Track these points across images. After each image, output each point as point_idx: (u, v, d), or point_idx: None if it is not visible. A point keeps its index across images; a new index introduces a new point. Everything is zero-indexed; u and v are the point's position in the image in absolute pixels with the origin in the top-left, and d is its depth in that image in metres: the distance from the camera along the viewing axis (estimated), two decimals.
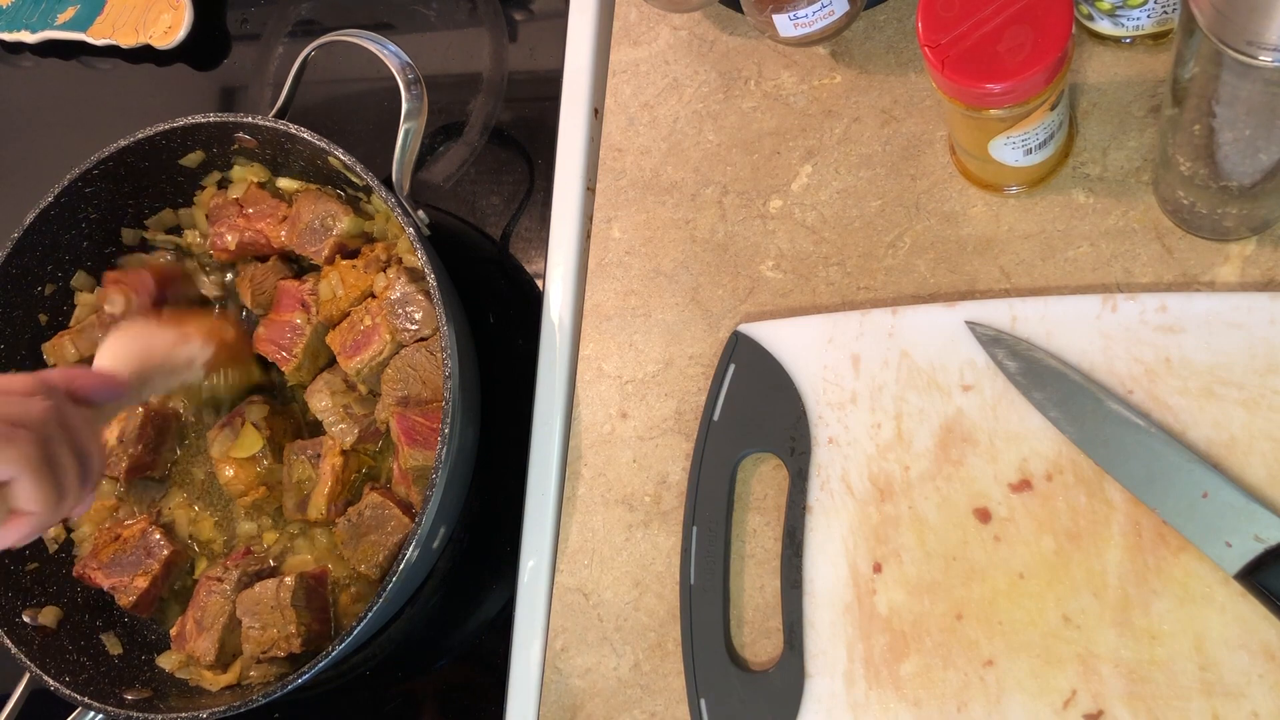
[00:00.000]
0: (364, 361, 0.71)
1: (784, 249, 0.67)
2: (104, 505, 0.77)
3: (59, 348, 0.77)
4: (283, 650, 0.68)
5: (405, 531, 0.68)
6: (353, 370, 0.72)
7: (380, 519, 0.69)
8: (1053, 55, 0.50)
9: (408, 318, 0.71)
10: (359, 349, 0.71)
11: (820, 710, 0.57)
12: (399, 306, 0.71)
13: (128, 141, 0.75)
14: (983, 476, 0.57)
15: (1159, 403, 0.55)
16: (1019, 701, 0.54)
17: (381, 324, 0.71)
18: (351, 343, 0.72)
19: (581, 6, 0.76)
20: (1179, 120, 0.51)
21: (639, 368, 0.68)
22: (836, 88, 0.68)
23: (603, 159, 0.73)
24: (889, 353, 0.60)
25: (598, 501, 0.67)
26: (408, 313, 0.71)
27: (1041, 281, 0.61)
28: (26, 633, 0.71)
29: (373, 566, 0.68)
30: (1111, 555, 0.54)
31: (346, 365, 0.72)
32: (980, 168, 0.61)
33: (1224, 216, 0.56)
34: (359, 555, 0.69)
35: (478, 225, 0.79)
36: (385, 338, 0.71)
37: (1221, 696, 0.51)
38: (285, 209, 0.76)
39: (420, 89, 0.71)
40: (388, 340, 0.71)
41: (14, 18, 0.96)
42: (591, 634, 0.65)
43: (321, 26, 0.89)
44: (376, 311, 0.71)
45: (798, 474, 0.61)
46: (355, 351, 0.71)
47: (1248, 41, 0.41)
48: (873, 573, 0.58)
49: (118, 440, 0.75)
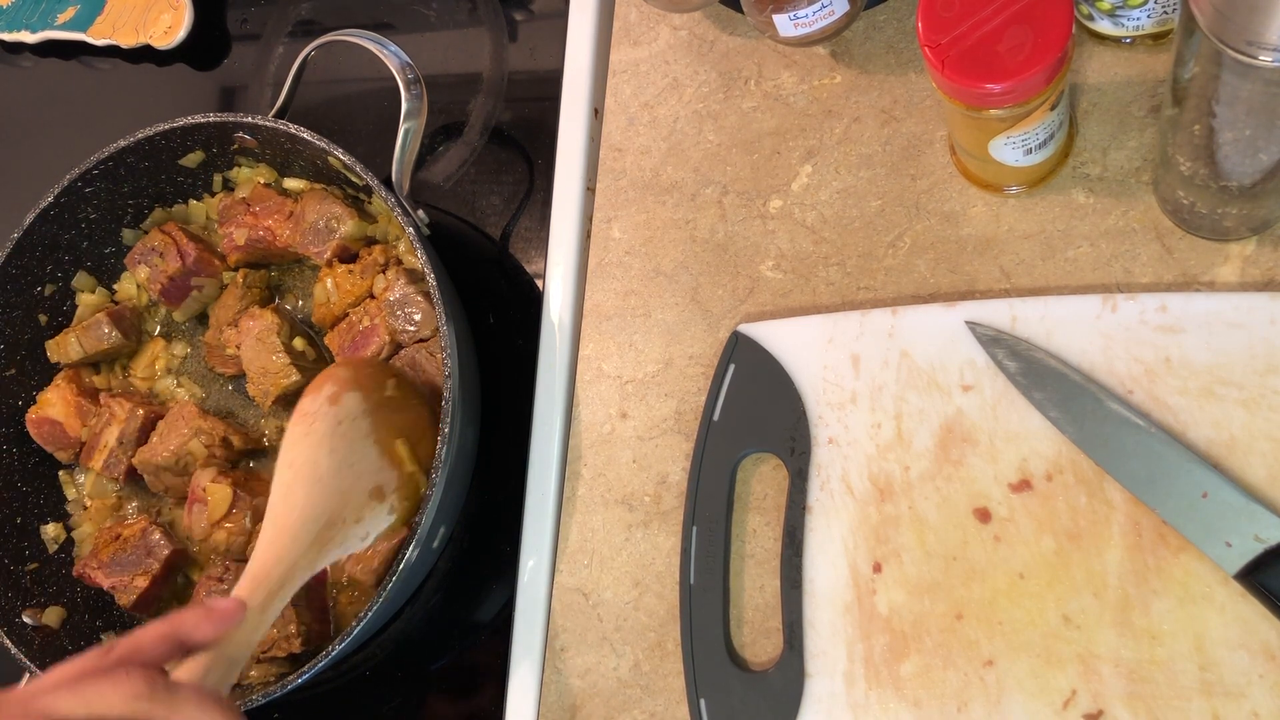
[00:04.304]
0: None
1: (784, 249, 0.67)
2: (104, 504, 0.77)
3: (63, 345, 0.77)
4: (283, 650, 0.68)
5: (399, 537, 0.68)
6: None
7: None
8: (1053, 55, 0.50)
9: (407, 318, 0.71)
10: (358, 349, 0.71)
11: (820, 710, 0.57)
12: (398, 307, 0.71)
13: (128, 141, 0.75)
14: (983, 476, 0.57)
15: (1159, 403, 0.55)
16: (1019, 701, 0.54)
17: (380, 324, 0.71)
18: (350, 343, 0.72)
19: (581, 6, 0.76)
20: (1179, 120, 0.51)
21: (639, 368, 0.68)
22: (836, 88, 0.68)
23: (603, 159, 0.73)
24: (889, 353, 0.60)
25: (598, 501, 0.67)
26: (407, 314, 0.70)
27: (1041, 281, 0.61)
28: (26, 633, 0.71)
29: (368, 572, 0.68)
30: (1111, 555, 0.54)
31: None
32: (980, 168, 0.61)
33: (1224, 216, 0.56)
34: (352, 563, 0.69)
35: (478, 225, 0.79)
36: (384, 338, 0.71)
37: (1221, 696, 0.51)
38: (292, 205, 0.76)
39: (420, 89, 0.71)
40: (386, 340, 0.71)
41: (14, 18, 0.96)
42: (591, 634, 0.65)
43: (321, 26, 0.89)
44: (375, 312, 0.71)
45: (798, 474, 0.61)
46: (354, 351, 0.71)
47: (1248, 41, 0.41)
48: (873, 573, 0.58)
49: (117, 441, 0.75)
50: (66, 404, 0.76)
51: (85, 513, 0.77)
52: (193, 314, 0.79)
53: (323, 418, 0.60)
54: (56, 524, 0.77)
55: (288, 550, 0.55)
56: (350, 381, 0.62)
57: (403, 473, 0.62)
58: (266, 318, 0.73)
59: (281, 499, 0.57)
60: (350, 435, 0.60)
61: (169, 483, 0.74)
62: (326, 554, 0.57)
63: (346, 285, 0.73)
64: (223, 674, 0.50)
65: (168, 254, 0.77)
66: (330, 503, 0.57)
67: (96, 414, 0.76)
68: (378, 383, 0.64)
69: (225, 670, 0.50)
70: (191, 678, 0.49)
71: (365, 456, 0.60)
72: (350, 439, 0.60)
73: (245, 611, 0.52)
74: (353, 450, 0.59)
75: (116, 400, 0.76)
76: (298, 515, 0.56)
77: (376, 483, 0.60)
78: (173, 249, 0.77)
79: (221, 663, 0.50)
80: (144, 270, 0.77)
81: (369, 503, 0.59)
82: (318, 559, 0.56)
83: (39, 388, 0.78)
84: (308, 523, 0.56)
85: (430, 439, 0.64)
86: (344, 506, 0.58)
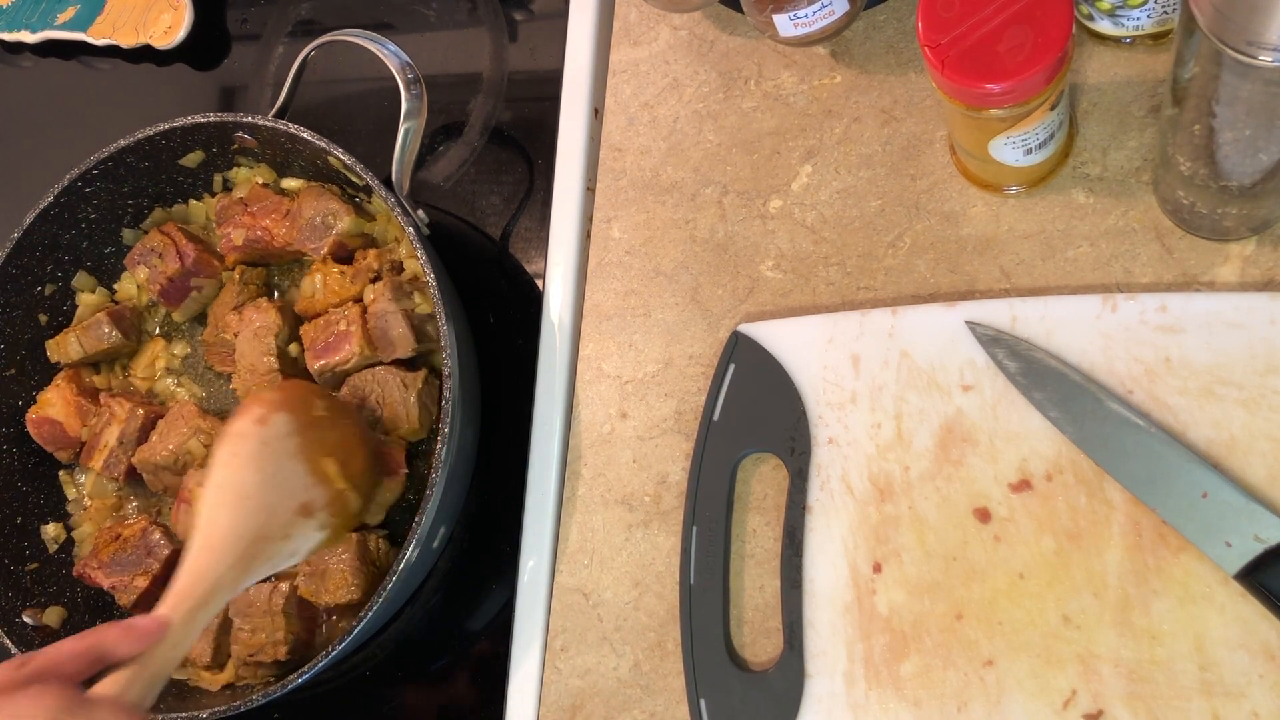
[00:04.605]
0: (329, 366, 0.71)
1: (784, 249, 0.67)
2: (104, 504, 0.77)
3: (63, 345, 0.77)
4: (268, 656, 0.68)
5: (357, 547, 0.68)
6: (316, 370, 0.71)
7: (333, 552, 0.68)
8: (1053, 55, 0.50)
9: (386, 336, 0.70)
10: (328, 352, 0.71)
11: (820, 710, 0.57)
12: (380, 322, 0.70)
13: (128, 141, 0.75)
14: (983, 476, 0.57)
15: (1159, 403, 0.55)
16: (1019, 701, 0.54)
17: (356, 333, 0.70)
18: (322, 344, 0.71)
19: (581, 6, 0.76)
20: (1179, 120, 0.51)
21: (639, 368, 0.68)
22: (836, 88, 0.68)
23: (603, 159, 0.73)
24: (889, 353, 0.60)
25: (598, 501, 0.67)
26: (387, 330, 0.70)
27: (1041, 281, 0.61)
28: (27, 633, 0.71)
29: (351, 590, 0.68)
30: (1111, 555, 0.54)
31: (312, 364, 0.72)
32: (980, 168, 0.61)
33: (1224, 216, 0.56)
34: (330, 591, 0.68)
35: (478, 225, 0.79)
36: (355, 349, 0.70)
37: (1221, 696, 0.51)
38: (289, 204, 0.76)
39: (420, 89, 0.71)
40: (357, 352, 0.70)
41: (14, 18, 0.96)
42: (591, 634, 0.65)
43: (321, 26, 0.89)
44: (355, 319, 0.71)
45: (798, 474, 0.61)
46: (323, 354, 0.71)
47: (1248, 41, 0.41)
48: (873, 573, 0.58)
49: (117, 441, 0.75)
50: (66, 404, 0.76)
51: (85, 513, 0.77)
52: (192, 314, 0.79)
53: (250, 438, 0.60)
54: (57, 524, 0.77)
55: (212, 567, 0.56)
56: (278, 404, 0.62)
57: (332, 490, 0.62)
58: (269, 315, 0.73)
59: (207, 518, 0.58)
60: (277, 454, 0.60)
61: (169, 482, 0.74)
62: (253, 570, 0.57)
63: (335, 285, 0.73)
64: (143, 690, 0.50)
65: (167, 255, 0.77)
66: (256, 520, 0.58)
67: (96, 414, 0.76)
68: (306, 404, 0.64)
69: (146, 686, 0.50)
70: (110, 693, 0.49)
71: (292, 474, 0.60)
72: (277, 458, 0.60)
73: (167, 630, 0.52)
74: (280, 469, 0.60)
75: (116, 400, 0.76)
76: (222, 533, 0.57)
77: (304, 499, 0.60)
78: (171, 250, 0.77)
79: (143, 678, 0.50)
80: (143, 271, 0.77)
81: (296, 520, 0.60)
82: (243, 575, 0.57)
83: (39, 388, 0.78)
84: (233, 540, 0.57)
85: (360, 456, 0.65)
86: (270, 523, 0.58)
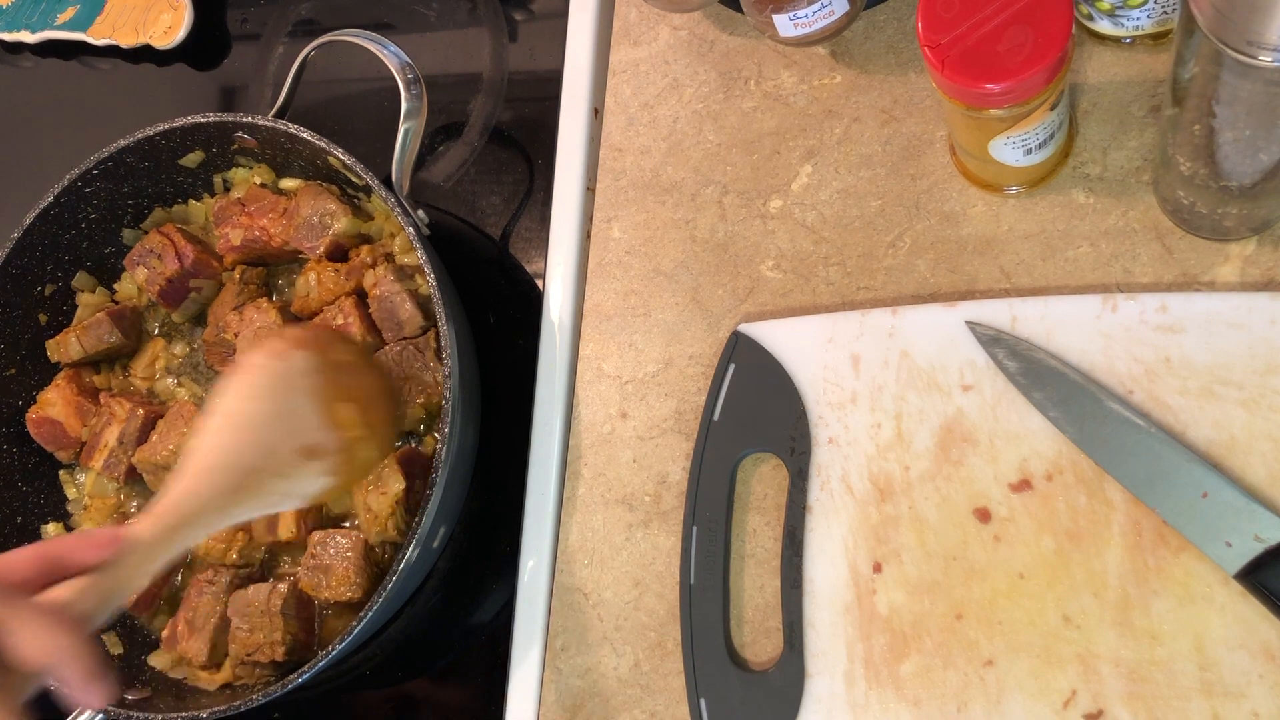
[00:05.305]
0: None
1: (784, 249, 0.67)
2: (105, 504, 0.77)
3: (63, 345, 0.77)
4: (265, 656, 0.68)
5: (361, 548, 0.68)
6: None
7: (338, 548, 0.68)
8: (1053, 55, 0.50)
9: (394, 316, 0.70)
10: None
11: (820, 710, 0.57)
12: (385, 304, 0.71)
13: (128, 141, 0.75)
14: (983, 476, 0.57)
15: (1159, 403, 0.55)
16: (1019, 701, 0.54)
17: (354, 322, 0.71)
18: None
19: (581, 6, 0.76)
20: (1179, 120, 0.51)
21: (639, 368, 0.68)
22: (836, 88, 0.68)
23: (603, 159, 0.73)
24: (889, 353, 0.60)
25: (598, 501, 0.67)
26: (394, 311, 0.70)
27: (1041, 281, 0.61)
28: None
29: (353, 588, 0.68)
30: (1111, 555, 0.54)
31: None
32: (980, 168, 0.61)
33: (1224, 216, 0.56)
34: (330, 587, 0.68)
35: (478, 225, 0.79)
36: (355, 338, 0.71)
37: (1221, 696, 0.51)
38: (286, 203, 0.76)
39: (420, 89, 0.71)
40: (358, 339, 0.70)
41: (14, 18, 0.96)
42: (591, 634, 0.65)
43: (321, 26, 0.89)
44: (349, 310, 0.71)
45: (798, 474, 0.61)
46: None
47: (1248, 41, 0.41)
48: (873, 573, 0.58)
49: (118, 441, 0.75)
50: (67, 404, 0.76)
51: (86, 512, 0.77)
52: (191, 315, 0.79)
53: (264, 371, 0.57)
54: (57, 524, 0.77)
55: (200, 490, 0.53)
56: (301, 341, 0.59)
57: (346, 437, 0.59)
58: (270, 315, 0.73)
59: (204, 441, 0.55)
60: (290, 390, 0.57)
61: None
62: (243, 504, 0.54)
63: (330, 283, 0.73)
64: (96, 603, 0.48)
65: (165, 256, 0.77)
66: (254, 453, 0.55)
67: (96, 414, 0.76)
68: (331, 346, 0.61)
69: (99, 600, 0.48)
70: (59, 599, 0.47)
71: (303, 414, 0.57)
72: (290, 394, 0.57)
73: (122, 543, 0.49)
74: (290, 405, 0.57)
75: (116, 400, 0.76)
76: (217, 457, 0.54)
77: (310, 441, 0.57)
78: (170, 251, 0.77)
79: (97, 590, 0.48)
80: (142, 272, 0.77)
81: (298, 460, 0.56)
82: (232, 506, 0.53)
83: (39, 387, 0.78)
84: (224, 469, 0.54)
85: (382, 407, 0.62)
86: (270, 458, 0.55)
